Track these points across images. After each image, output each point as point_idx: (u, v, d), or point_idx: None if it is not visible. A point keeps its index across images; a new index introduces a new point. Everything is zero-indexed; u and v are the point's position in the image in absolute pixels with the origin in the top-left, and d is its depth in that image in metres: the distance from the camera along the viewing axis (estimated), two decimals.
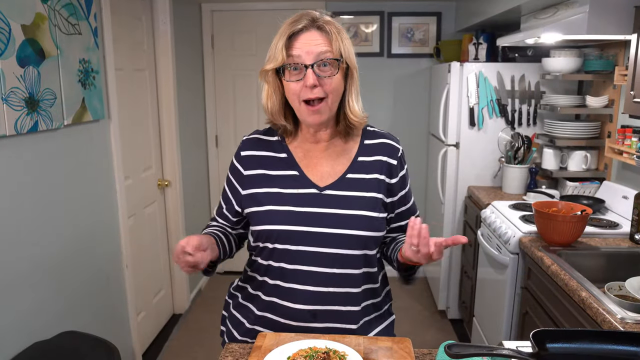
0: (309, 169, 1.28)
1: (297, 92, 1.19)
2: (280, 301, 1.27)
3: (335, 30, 1.18)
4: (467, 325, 3.17)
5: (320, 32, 1.18)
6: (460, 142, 3.22)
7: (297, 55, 1.17)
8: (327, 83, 1.18)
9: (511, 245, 2.26)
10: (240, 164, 1.33)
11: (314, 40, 1.17)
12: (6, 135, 1.70)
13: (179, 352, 3.07)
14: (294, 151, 1.31)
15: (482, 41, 3.27)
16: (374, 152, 1.31)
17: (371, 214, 1.24)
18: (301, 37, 1.17)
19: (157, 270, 3.28)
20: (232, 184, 1.35)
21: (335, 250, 1.23)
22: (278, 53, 1.17)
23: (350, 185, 1.26)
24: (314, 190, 1.25)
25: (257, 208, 1.27)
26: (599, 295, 1.61)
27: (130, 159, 2.83)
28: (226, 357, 1.23)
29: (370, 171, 1.28)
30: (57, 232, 2.01)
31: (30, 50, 1.80)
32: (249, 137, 1.36)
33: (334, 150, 1.30)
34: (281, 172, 1.28)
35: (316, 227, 1.22)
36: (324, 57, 1.16)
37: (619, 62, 2.61)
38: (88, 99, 2.20)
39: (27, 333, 1.82)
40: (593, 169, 2.86)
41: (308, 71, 1.16)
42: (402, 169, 1.33)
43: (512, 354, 0.96)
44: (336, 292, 1.25)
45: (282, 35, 1.18)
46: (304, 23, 1.17)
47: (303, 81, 1.17)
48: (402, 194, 1.33)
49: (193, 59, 3.88)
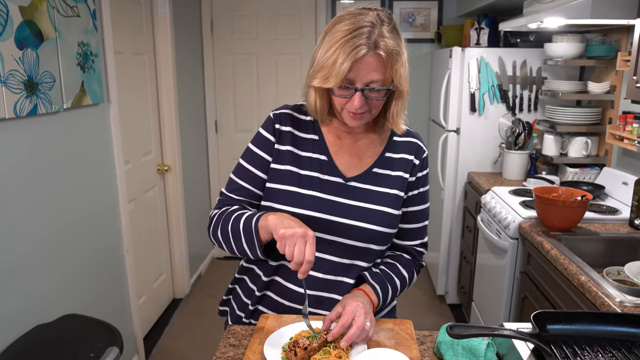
0: (338, 156, 1.27)
1: (343, 104, 1.17)
2: (286, 283, 1.28)
3: (393, 59, 1.11)
4: (466, 310, 3.20)
5: (376, 58, 1.10)
6: (460, 128, 3.22)
7: (350, 78, 1.11)
8: (373, 103, 1.16)
9: (511, 230, 2.27)
10: (274, 135, 1.28)
11: (369, 66, 1.10)
12: (5, 118, 1.69)
13: (180, 335, 3.09)
14: (326, 135, 1.29)
15: (484, 26, 3.25)
16: (401, 150, 1.30)
17: (392, 211, 1.25)
18: (356, 61, 1.09)
19: (157, 255, 3.29)
20: (256, 156, 1.28)
21: (349, 241, 1.23)
22: (336, 77, 1.09)
23: (376, 180, 1.26)
24: (339, 179, 1.25)
25: (279, 186, 1.25)
26: (598, 279, 1.62)
27: (130, 143, 2.82)
28: (228, 338, 1.24)
29: (395, 168, 1.28)
30: (57, 215, 2.01)
31: (28, 32, 1.78)
32: (282, 111, 1.30)
33: (364, 142, 1.30)
34: (310, 154, 1.27)
35: (336, 217, 1.22)
36: (375, 85, 1.12)
37: (622, 48, 2.60)
38: (87, 82, 2.18)
39: (30, 316, 1.83)
40: (593, 155, 2.86)
41: (357, 94, 1.13)
42: (421, 171, 1.32)
43: (513, 335, 0.97)
44: (343, 282, 1.26)
45: (340, 55, 1.08)
46: (365, 50, 1.08)
47: (350, 100, 1.15)
48: (414, 193, 1.32)
49: (192, 43, 3.85)
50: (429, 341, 1.22)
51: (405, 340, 1.15)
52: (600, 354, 1.01)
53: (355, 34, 1.08)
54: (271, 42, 4.07)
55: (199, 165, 4.05)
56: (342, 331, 1.08)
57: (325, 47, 1.11)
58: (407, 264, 1.34)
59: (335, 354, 1.05)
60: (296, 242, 1.05)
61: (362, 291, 1.21)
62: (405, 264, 1.34)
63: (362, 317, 1.09)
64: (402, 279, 1.31)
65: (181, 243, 3.57)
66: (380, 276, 1.26)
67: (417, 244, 1.37)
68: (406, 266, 1.33)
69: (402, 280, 1.30)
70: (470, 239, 3.09)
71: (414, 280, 1.36)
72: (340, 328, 1.08)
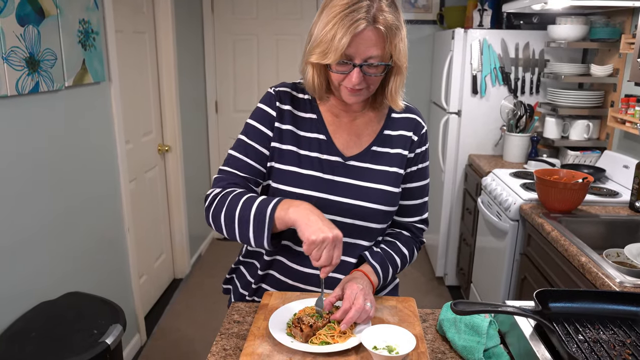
0: (336, 135, 1.26)
1: (340, 80, 1.16)
2: (289, 263, 1.28)
3: (392, 34, 1.09)
4: (465, 292, 3.23)
5: (377, 33, 1.08)
6: (462, 110, 3.21)
7: (348, 54, 1.09)
8: (371, 79, 1.15)
9: (511, 212, 2.28)
10: (275, 110, 1.25)
11: (367, 41, 1.08)
12: (7, 96, 1.68)
13: (180, 315, 3.12)
14: (324, 114, 1.28)
15: (487, 7, 3.22)
16: (399, 127, 1.29)
17: (391, 189, 1.25)
18: (355, 36, 1.07)
19: (157, 234, 3.30)
20: (257, 131, 1.25)
21: (350, 220, 1.23)
22: (335, 52, 1.07)
23: (375, 158, 1.25)
24: (338, 158, 1.24)
25: (279, 165, 1.24)
26: (598, 260, 1.63)
27: (131, 123, 2.81)
28: (232, 315, 1.25)
29: (394, 146, 1.27)
30: (58, 194, 2.01)
31: (29, 8, 1.76)
32: (281, 89, 1.28)
33: (362, 120, 1.28)
34: (309, 133, 1.26)
35: (336, 196, 1.22)
36: (374, 60, 1.11)
37: (626, 30, 2.58)
38: (88, 60, 2.17)
39: (33, 293, 1.85)
40: (594, 138, 2.86)
41: (355, 70, 1.11)
42: (420, 147, 1.30)
43: (517, 311, 0.98)
44: (345, 261, 1.26)
45: (339, 29, 1.06)
46: (364, 24, 1.06)
47: (348, 76, 1.13)
48: (413, 170, 1.30)
49: (193, 22, 3.81)
50: (431, 319, 1.24)
51: (408, 317, 1.16)
52: (601, 331, 1.03)
53: (354, 8, 1.06)
54: (272, 21, 4.03)
55: (199, 145, 4.04)
56: (343, 316, 1.08)
57: (323, 22, 1.09)
58: (407, 241, 1.34)
59: (340, 330, 1.06)
60: (326, 247, 1.04)
61: (361, 272, 1.22)
62: (405, 241, 1.34)
63: (360, 300, 1.09)
64: (403, 257, 1.31)
65: (181, 223, 3.58)
66: (380, 255, 1.26)
67: (417, 220, 1.37)
68: (406, 243, 1.33)
69: (402, 258, 1.31)
70: (470, 221, 3.10)
71: (414, 257, 1.36)
72: (342, 313, 1.08)
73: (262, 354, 1.02)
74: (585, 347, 0.97)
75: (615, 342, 0.99)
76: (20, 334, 1.65)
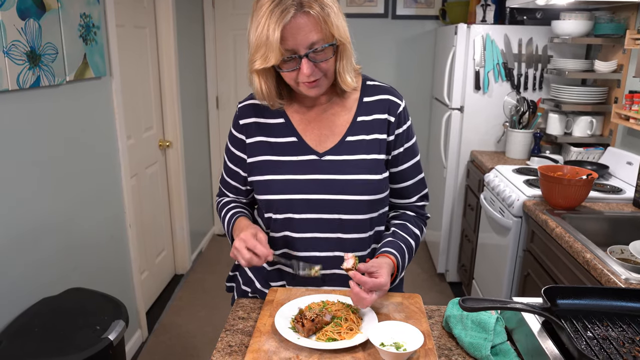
0: (307, 133, 1.25)
1: (294, 78, 1.14)
2: (288, 268, 1.28)
3: (324, 13, 1.07)
4: (466, 288, 3.22)
5: (308, 17, 1.06)
6: (464, 106, 3.20)
7: (289, 49, 1.08)
8: (323, 65, 1.13)
9: (515, 208, 2.27)
10: (242, 132, 1.29)
11: (304, 27, 1.06)
12: (9, 90, 1.66)
13: (181, 311, 3.11)
14: (292, 116, 1.27)
15: (490, 2, 3.20)
16: (373, 110, 1.25)
17: (372, 177, 1.22)
18: (289, 26, 1.06)
19: (159, 230, 3.29)
20: (234, 156, 1.32)
21: (338, 215, 1.22)
22: (274, 50, 1.06)
23: (350, 149, 1.23)
24: (313, 156, 1.23)
25: (259, 177, 1.25)
26: (603, 256, 1.62)
27: (132, 119, 2.79)
28: (237, 311, 1.24)
29: (370, 131, 1.24)
30: (60, 189, 2.00)
31: (30, 2, 1.75)
32: (245, 103, 1.31)
33: (332, 112, 1.26)
34: (280, 139, 1.25)
35: (316, 195, 1.21)
36: (317, 45, 1.09)
37: (631, 26, 2.57)
38: (90, 55, 2.15)
39: (36, 288, 1.84)
40: (598, 134, 2.85)
41: (303, 61, 1.09)
42: (399, 127, 1.25)
43: (525, 308, 0.97)
44: (342, 257, 1.25)
45: (270, 25, 1.05)
46: (292, 12, 1.05)
47: (299, 70, 1.11)
48: (399, 151, 1.27)
49: (193, 17, 3.79)
50: (437, 315, 1.23)
51: (414, 313, 1.15)
52: (610, 328, 1.02)
53: (279, 1, 1.05)
54: None
55: (200, 141, 4.03)
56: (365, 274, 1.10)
57: (254, 26, 1.08)
58: (410, 219, 1.32)
59: (346, 326, 1.06)
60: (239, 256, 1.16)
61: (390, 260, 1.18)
62: (408, 220, 1.32)
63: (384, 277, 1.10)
64: (416, 239, 1.30)
65: (182, 219, 3.57)
66: (398, 245, 1.24)
67: (416, 199, 1.34)
68: (415, 224, 1.32)
69: (415, 239, 1.30)
70: (472, 217, 3.09)
71: (424, 233, 1.35)
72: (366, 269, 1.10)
73: (268, 350, 1.01)
74: (595, 344, 0.97)
75: (625, 339, 0.98)
76: (23, 330, 1.64)
